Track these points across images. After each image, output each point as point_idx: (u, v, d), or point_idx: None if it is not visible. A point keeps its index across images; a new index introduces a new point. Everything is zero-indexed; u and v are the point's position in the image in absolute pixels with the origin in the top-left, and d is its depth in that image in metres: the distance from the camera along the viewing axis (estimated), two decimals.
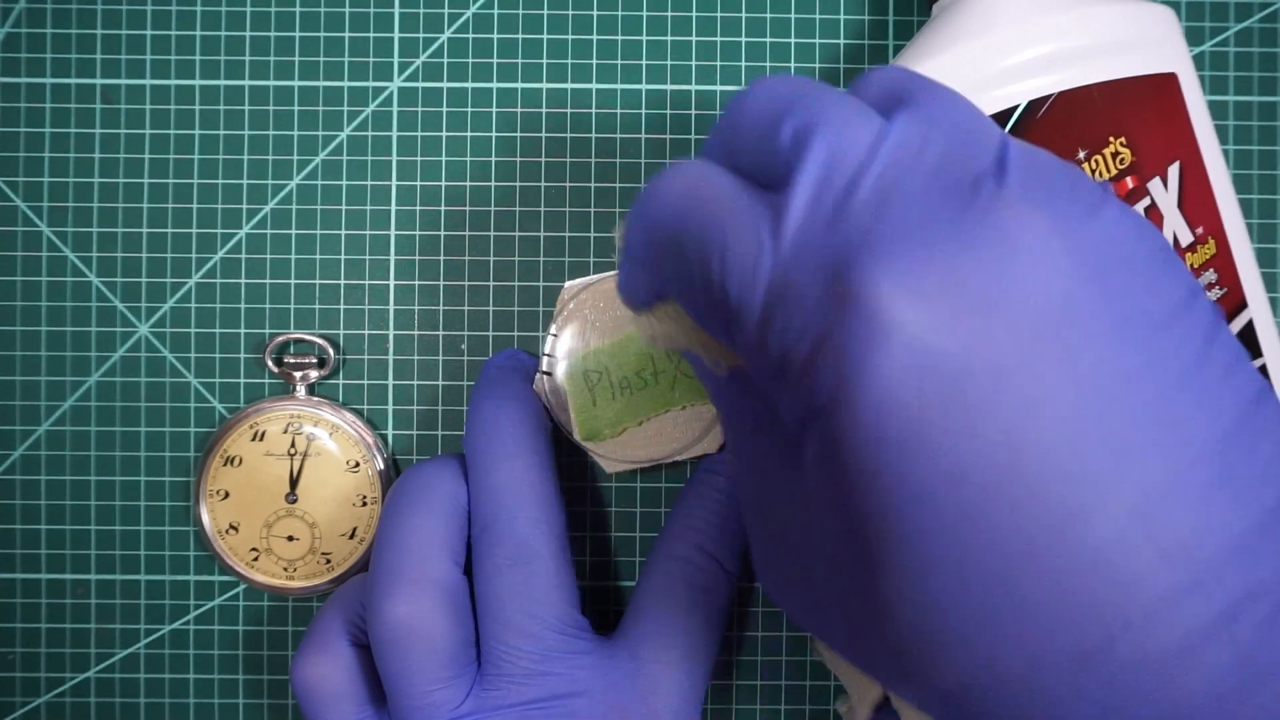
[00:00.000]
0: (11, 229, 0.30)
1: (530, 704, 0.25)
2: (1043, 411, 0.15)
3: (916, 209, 0.16)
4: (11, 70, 0.30)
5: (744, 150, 0.19)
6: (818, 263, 0.17)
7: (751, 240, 0.17)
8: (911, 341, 0.15)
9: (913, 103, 0.18)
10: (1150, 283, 0.16)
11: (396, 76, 0.30)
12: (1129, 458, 0.15)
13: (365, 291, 0.30)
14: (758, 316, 0.17)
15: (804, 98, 0.18)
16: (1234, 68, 0.30)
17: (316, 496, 0.29)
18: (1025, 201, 0.16)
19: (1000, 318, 0.15)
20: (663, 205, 0.19)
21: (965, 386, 0.15)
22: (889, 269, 0.16)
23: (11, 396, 0.30)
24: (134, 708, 0.30)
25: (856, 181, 0.17)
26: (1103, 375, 0.15)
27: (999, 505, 0.15)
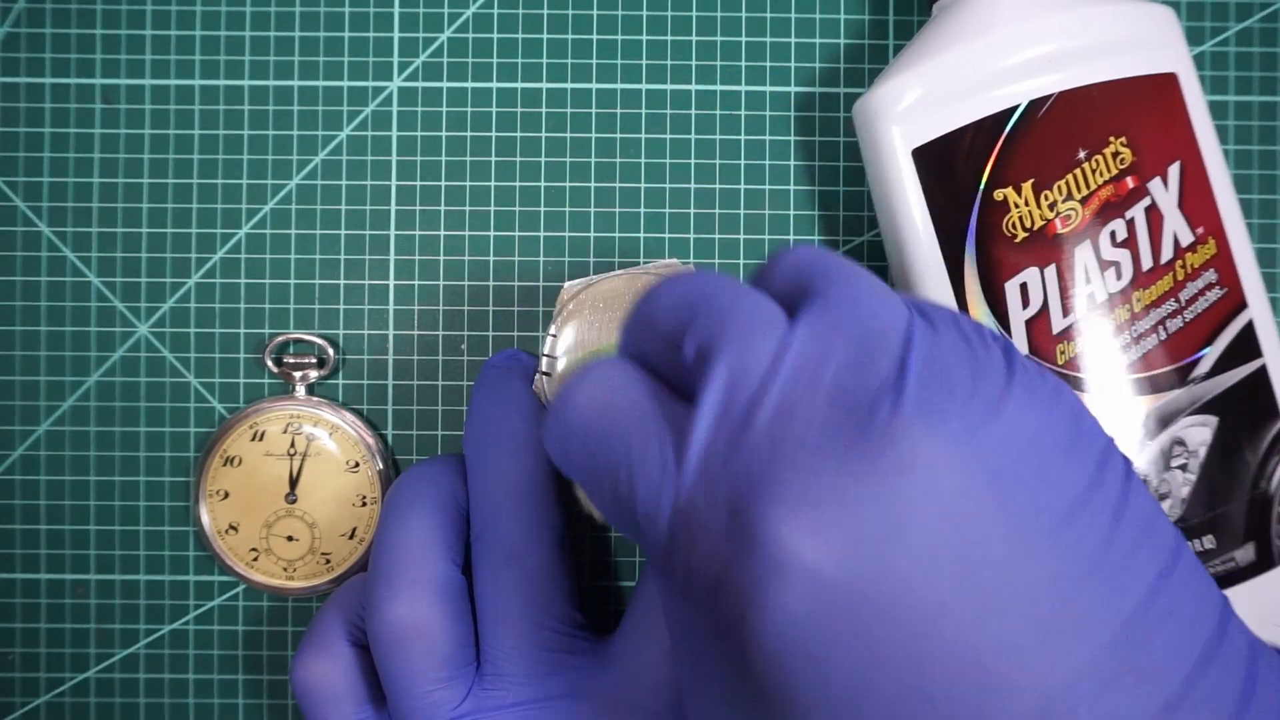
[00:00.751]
0: (11, 229, 0.30)
1: (530, 703, 0.25)
2: (941, 629, 0.15)
3: (814, 436, 0.16)
4: (11, 70, 0.30)
5: (653, 355, 0.19)
6: (719, 492, 0.17)
7: (655, 468, 0.18)
8: (809, 576, 0.16)
9: (819, 298, 0.18)
10: (1051, 477, 0.16)
11: (396, 76, 0.30)
12: (1028, 664, 0.15)
13: (365, 291, 0.30)
14: (664, 544, 0.18)
15: (706, 306, 0.18)
16: (1234, 68, 0.30)
17: (316, 497, 0.29)
18: (921, 420, 0.16)
19: (896, 542, 0.15)
20: (574, 419, 0.19)
21: (862, 612, 0.15)
22: (786, 506, 0.16)
23: (11, 396, 0.30)
24: (134, 708, 0.30)
25: (756, 407, 0.17)
26: (1002, 584, 0.15)
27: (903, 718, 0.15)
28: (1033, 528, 0.16)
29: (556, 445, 0.20)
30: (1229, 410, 0.26)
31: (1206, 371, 0.26)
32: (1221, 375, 0.26)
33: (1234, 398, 0.26)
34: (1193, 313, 0.26)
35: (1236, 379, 0.26)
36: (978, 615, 0.15)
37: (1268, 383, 0.26)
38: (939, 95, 0.26)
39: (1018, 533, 0.16)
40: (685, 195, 0.30)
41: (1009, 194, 0.25)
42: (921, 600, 0.15)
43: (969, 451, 0.16)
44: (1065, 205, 0.25)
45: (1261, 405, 0.26)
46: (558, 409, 0.20)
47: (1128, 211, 0.26)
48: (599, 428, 0.19)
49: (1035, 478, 0.16)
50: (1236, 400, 0.26)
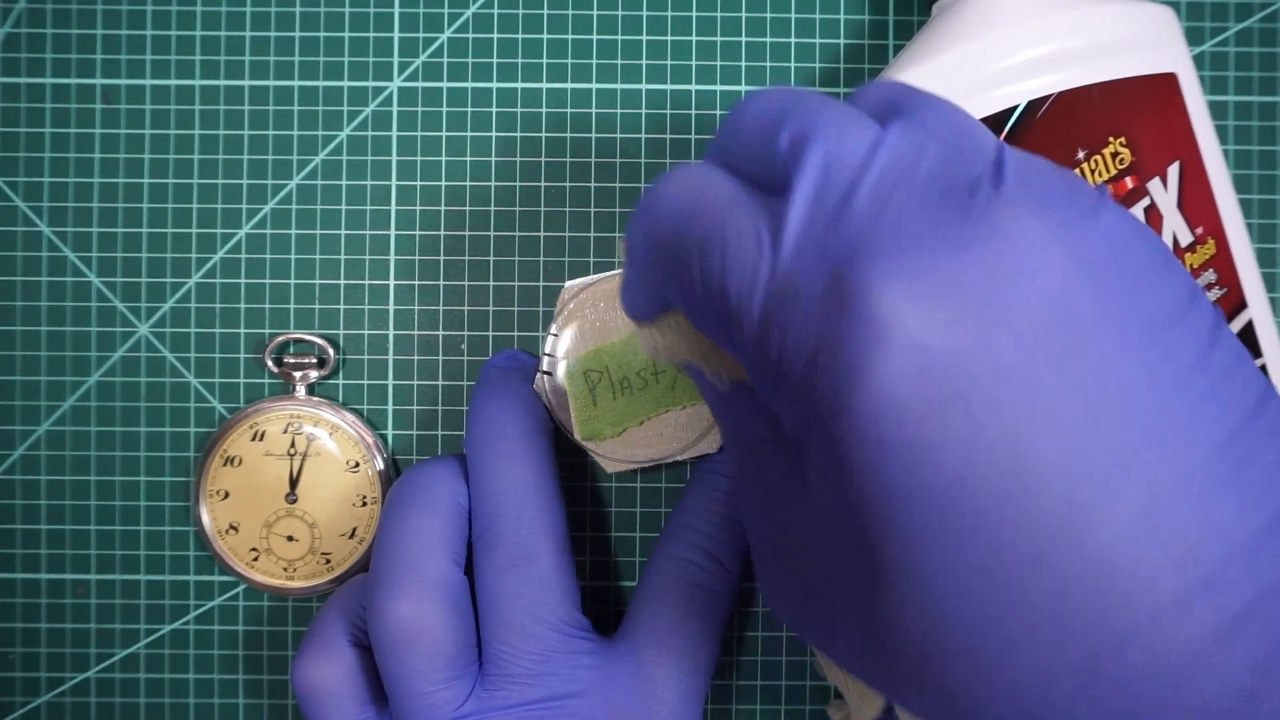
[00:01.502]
0: (11, 229, 0.30)
1: (531, 704, 0.25)
2: (1044, 414, 0.15)
3: (914, 213, 0.16)
4: (11, 70, 0.30)
5: (743, 157, 0.19)
6: (816, 267, 0.16)
7: (751, 245, 0.17)
8: (911, 344, 0.15)
9: (909, 111, 0.18)
10: (1149, 285, 0.16)
11: (396, 76, 0.30)
12: (1132, 460, 0.15)
13: (365, 291, 0.30)
14: (757, 321, 0.17)
15: (801, 106, 0.18)
16: (1234, 68, 0.30)
17: (316, 496, 0.29)
18: (1022, 204, 0.16)
19: (1000, 320, 0.15)
20: (663, 210, 0.19)
21: (966, 389, 0.15)
22: (887, 272, 0.16)
23: (11, 396, 0.30)
24: (134, 708, 0.30)
25: (854, 187, 0.17)
26: (1104, 377, 0.15)
27: (1002, 509, 0.15)
28: (1133, 327, 0.15)
29: (643, 231, 0.20)
30: None
31: None
32: None
33: None
34: None
35: None
36: (1081, 403, 0.15)
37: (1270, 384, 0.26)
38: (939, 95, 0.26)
39: (1118, 329, 0.15)
40: None
41: None
42: (1026, 383, 0.15)
43: (1070, 241, 0.15)
44: None
45: None
46: (648, 198, 0.20)
47: None
48: (690, 212, 0.19)
49: (1135, 280, 0.16)
50: None
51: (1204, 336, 0.16)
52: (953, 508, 0.15)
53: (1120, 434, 0.15)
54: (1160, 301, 0.16)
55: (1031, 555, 0.15)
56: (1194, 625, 0.14)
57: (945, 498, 0.15)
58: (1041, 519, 0.15)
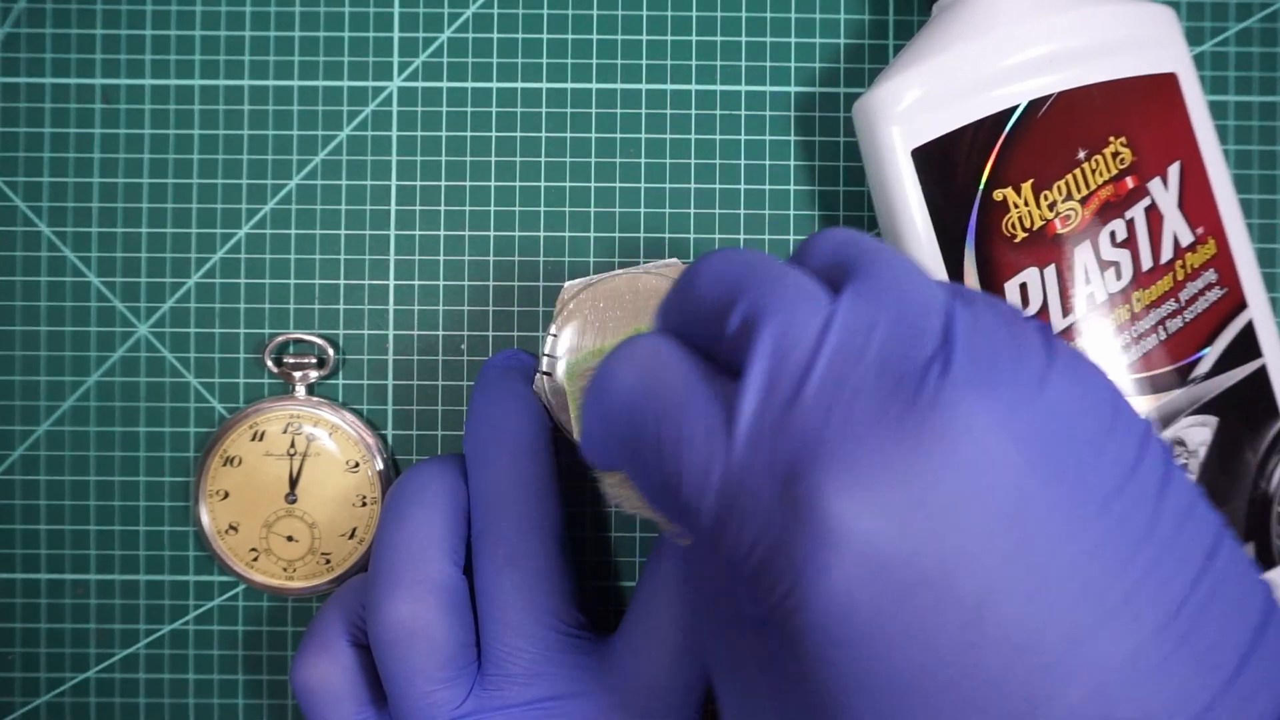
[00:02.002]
0: (11, 229, 0.30)
1: (531, 704, 0.25)
2: (996, 607, 0.15)
3: (863, 407, 0.16)
4: (11, 70, 0.30)
5: (695, 329, 0.19)
6: (769, 464, 0.17)
7: (703, 440, 0.17)
8: (863, 549, 0.15)
9: (859, 275, 0.18)
10: (1097, 451, 0.16)
11: (396, 76, 0.30)
12: (1085, 641, 0.15)
13: (365, 291, 0.30)
14: (712, 520, 0.17)
15: (752, 280, 0.18)
16: (1234, 68, 0.30)
17: (316, 497, 0.29)
18: (970, 392, 0.16)
19: (950, 519, 0.15)
20: (617, 394, 0.19)
21: (918, 589, 0.15)
22: (837, 477, 0.16)
23: (11, 396, 0.30)
24: (134, 708, 0.30)
25: (804, 378, 0.17)
26: (1054, 562, 0.15)
27: (957, 701, 0.15)
28: (1082, 503, 0.16)
29: (599, 421, 0.20)
30: (1229, 410, 0.26)
31: (1206, 372, 0.26)
32: (1221, 375, 0.26)
33: (1234, 398, 0.26)
34: (1193, 313, 0.26)
35: (1236, 379, 0.26)
36: (1033, 591, 0.15)
37: (1267, 383, 0.26)
38: (939, 95, 0.26)
39: (1068, 507, 0.15)
40: (685, 195, 0.30)
41: (1009, 194, 0.25)
42: (976, 578, 0.15)
43: (1018, 424, 0.16)
44: (1065, 205, 0.25)
45: (1261, 405, 0.26)
46: (599, 385, 0.19)
47: (1127, 212, 0.26)
48: (643, 402, 0.19)
49: (1081, 454, 0.16)
50: (1236, 400, 0.26)
51: (1153, 494, 0.16)
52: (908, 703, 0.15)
53: (1072, 616, 0.15)
54: (1109, 466, 0.16)
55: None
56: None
57: (900, 692, 0.15)
58: (995, 708, 0.15)
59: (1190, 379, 0.26)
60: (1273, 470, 0.26)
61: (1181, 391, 0.26)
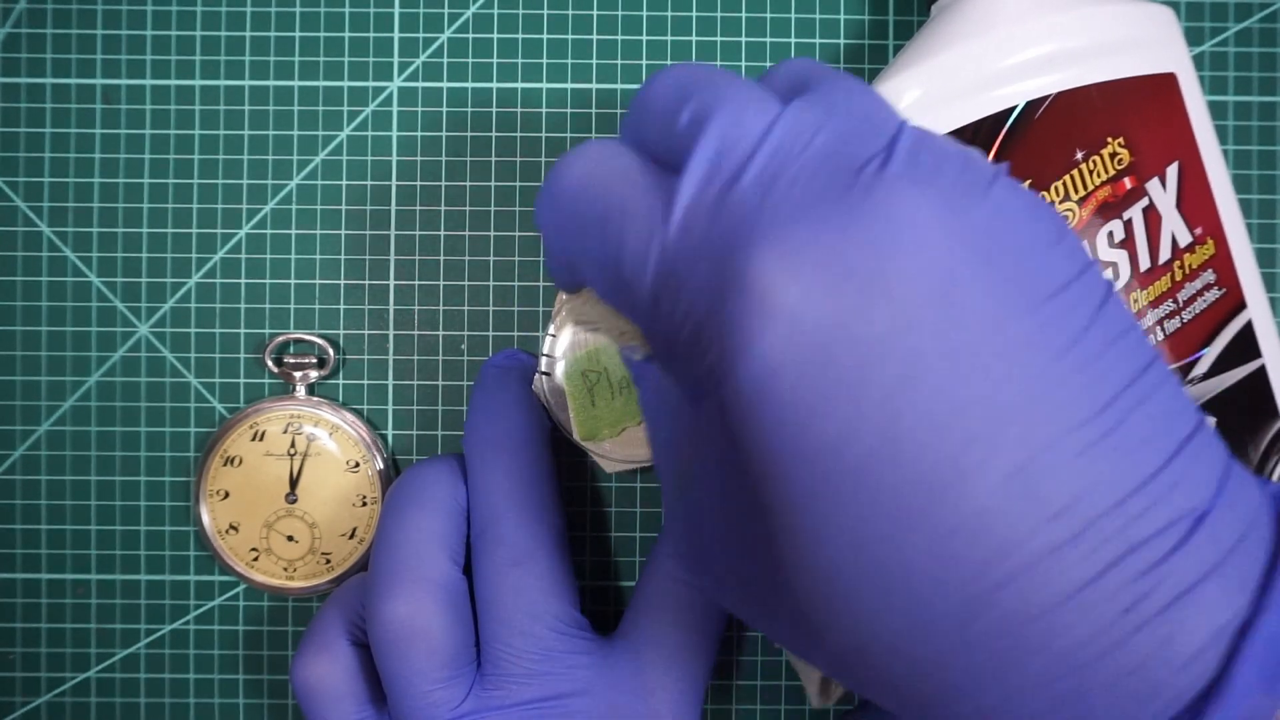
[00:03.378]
0: (11, 229, 0.30)
1: (530, 703, 0.25)
2: (921, 379, 0.15)
3: (800, 192, 0.17)
4: (11, 70, 0.30)
5: (649, 133, 0.20)
6: (704, 244, 0.17)
7: (643, 223, 0.18)
8: (790, 316, 0.16)
9: (814, 89, 0.18)
10: (1034, 260, 0.16)
11: (396, 76, 0.30)
12: (1008, 422, 0.15)
13: (365, 291, 0.30)
14: (649, 294, 0.18)
15: (705, 83, 0.19)
16: (1234, 68, 0.30)
17: (316, 496, 0.29)
18: (908, 182, 0.16)
19: (879, 291, 0.16)
20: (565, 185, 0.20)
21: (844, 356, 0.15)
22: (768, 248, 0.16)
23: (11, 396, 0.30)
24: (134, 708, 0.30)
25: (744, 166, 0.17)
26: (982, 345, 0.15)
27: (882, 469, 0.15)
28: (1014, 299, 0.16)
29: (548, 208, 0.20)
30: (1228, 410, 0.26)
31: (1205, 372, 0.26)
32: (1220, 376, 0.26)
33: (1233, 398, 0.26)
34: (1191, 313, 0.26)
35: (1235, 379, 0.26)
36: (958, 369, 0.15)
37: (1267, 383, 0.26)
38: (938, 95, 0.26)
39: (999, 299, 0.16)
40: None
41: None
42: (903, 349, 0.15)
43: (954, 217, 0.16)
44: (1063, 206, 0.26)
45: (1260, 405, 0.26)
46: (552, 176, 0.20)
47: (1126, 212, 0.26)
48: (591, 190, 0.19)
49: (1019, 256, 0.16)
50: (1235, 400, 0.26)
51: (1090, 308, 0.16)
52: (833, 469, 0.16)
53: (995, 402, 0.15)
54: (1044, 277, 0.16)
55: (909, 514, 0.15)
56: (1066, 572, 0.15)
57: (826, 459, 0.16)
58: (918, 479, 0.15)
59: (1189, 379, 0.26)
60: (1272, 470, 0.26)
61: None
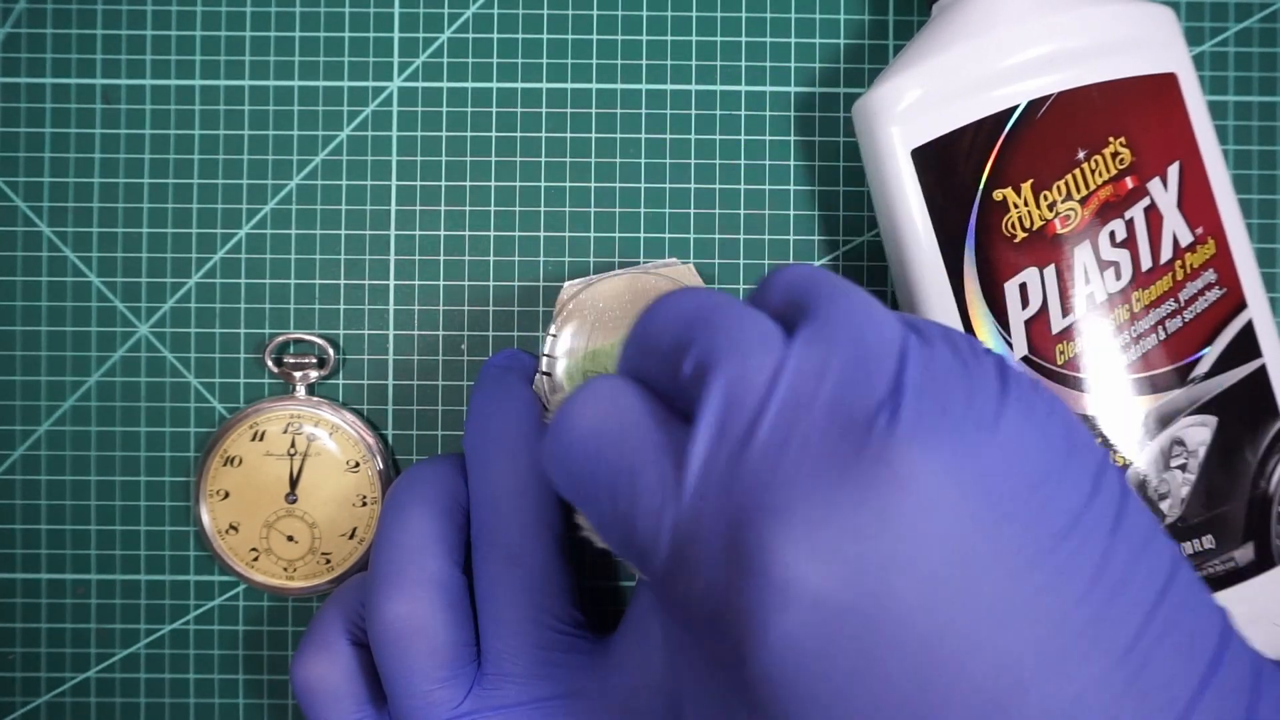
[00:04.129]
0: (11, 229, 0.30)
1: (530, 703, 0.25)
2: (945, 651, 0.15)
3: (811, 456, 0.16)
4: (11, 70, 0.30)
5: (651, 373, 0.19)
6: (718, 515, 0.17)
7: (655, 490, 0.18)
8: (809, 599, 0.15)
9: (813, 316, 0.18)
10: (1048, 493, 0.16)
11: (396, 76, 0.30)
12: (1032, 685, 0.15)
13: (365, 291, 0.30)
14: (665, 567, 0.18)
15: (705, 324, 0.18)
16: (1234, 68, 0.30)
17: (316, 497, 0.29)
18: (917, 439, 0.16)
19: (896, 565, 0.15)
20: (574, 441, 0.19)
21: (866, 637, 0.15)
22: (784, 529, 0.16)
23: (11, 396, 0.30)
24: (134, 708, 0.30)
25: (754, 426, 0.17)
26: (1001, 605, 0.15)
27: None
28: (1031, 546, 0.16)
29: (557, 467, 0.20)
30: (1228, 410, 0.26)
31: (1206, 371, 0.26)
32: (1221, 375, 0.26)
33: (1233, 398, 0.26)
34: (1192, 313, 0.26)
35: (1236, 379, 0.26)
36: (980, 636, 0.15)
37: (1267, 383, 0.26)
38: (938, 95, 0.26)
39: (1016, 551, 0.16)
40: (685, 195, 0.30)
41: (1008, 194, 0.25)
42: (925, 623, 0.15)
43: (965, 470, 0.16)
44: (1065, 205, 0.25)
45: (1261, 405, 0.26)
46: (557, 430, 0.20)
47: (1127, 212, 0.26)
48: (598, 448, 0.19)
49: (1032, 495, 0.16)
50: (1236, 400, 0.26)
51: (1106, 531, 0.16)
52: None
53: (1019, 661, 0.15)
54: (1059, 509, 0.16)
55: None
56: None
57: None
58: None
59: (1190, 379, 0.26)
60: (1272, 470, 0.26)
61: (1181, 391, 0.26)
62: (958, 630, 0.15)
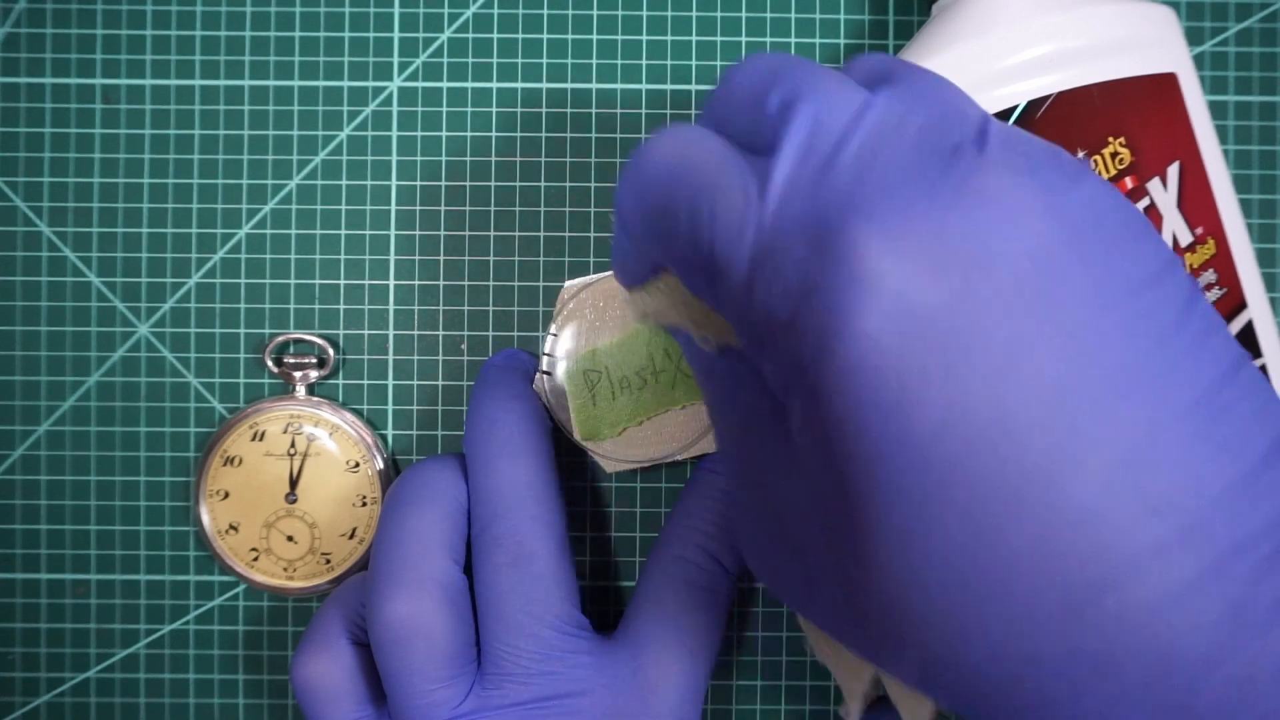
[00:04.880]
0: (11, 229, 0.30)
1: (531, 703, 0.25)
2: (1024, 365, 0.15)
3: (898, 172, 0.16)
4: (11, 70, 0.30)
5: (734, 119, 0.19)
6: (802, 222, 0.17)
7: (738, 201, 0.18)
8: (894, 295, 0.15)
9: (898, 80, 0.18)
10: (1128, 250, 0.16)
11: (396, 76, 0.30)
12: (1110, 412, 0.15)
13: (365, 291, 0.30)
14: (744, 274, 0.18)
15: (792, 70, 0.19)
16: (1234, 68, 0.30)
17: (316, 496, 0.29)
18: (1005, 167, 0.16)
19: (981, 273, 0.15)
20: (651, 168, 0.20)
21: (948, 339, 0.15)
22: (871, 226, 0.16)
23: (11, 396, 0.30)
24: (134, 708, 0.30)
25: (840, 147, 0.17)
26: (1083, 332, 0.15)
27: (983, 459, 0.15)
28: (1112, 286, 0.16)
29: (632, 193, 0.20)
30: None
31: None
32: None
33: None
34: None
35: None
36: (1062, 352, 0.15)
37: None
38: None
39: (1097, 287, 0.15)
40: None
41: None
42: (1007, 332, 0.15)
43: (1051, 203, 0.16)
44: None
45: None
46: (637, 157, 0.20)
47: None
48: (679, 170, 0.19)
49: (1114, 245, 0.16)
50: None
51: (1181, 301, 0.16)
52: (933, 456, 0.15)
53: (1098, 387, 0.15)
54: (1139, 266, 0.16)
55: (1011, 505, 0.15)
56: (1171, 572, 0.15)
57: (925, 446, 0.15)
58: (1021, 469, 0.15)
59: None
60: None
61: None
62: (1038, 346, 0.15)
